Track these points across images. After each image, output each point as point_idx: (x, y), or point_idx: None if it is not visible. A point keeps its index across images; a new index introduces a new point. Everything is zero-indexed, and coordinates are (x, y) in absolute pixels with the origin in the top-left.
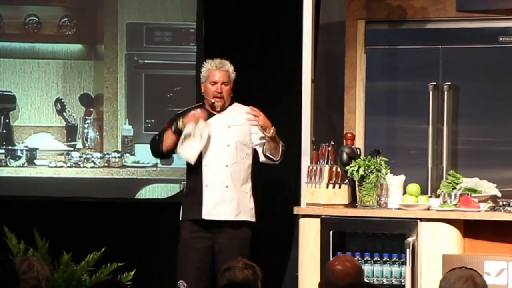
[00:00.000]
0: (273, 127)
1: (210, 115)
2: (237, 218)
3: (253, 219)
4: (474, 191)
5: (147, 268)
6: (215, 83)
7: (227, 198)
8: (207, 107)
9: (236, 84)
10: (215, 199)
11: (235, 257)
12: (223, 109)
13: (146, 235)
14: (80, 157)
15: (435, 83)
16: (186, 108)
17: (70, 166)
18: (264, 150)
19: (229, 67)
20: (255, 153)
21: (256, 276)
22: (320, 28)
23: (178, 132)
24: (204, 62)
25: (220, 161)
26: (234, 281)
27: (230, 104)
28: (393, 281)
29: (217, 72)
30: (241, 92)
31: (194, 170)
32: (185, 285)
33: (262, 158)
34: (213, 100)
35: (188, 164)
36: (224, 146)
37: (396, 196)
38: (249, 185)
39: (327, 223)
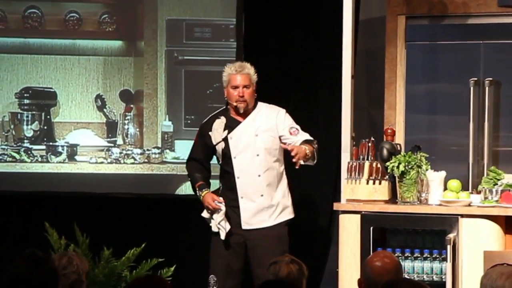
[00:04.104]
0: (305, 147)
1: (235, 123)
2: (276, 222)
3: (292, 215)
4: None
5: (187, 263)
6: (237, 87)
7: (264, 206)
8: (231, 113)
9: (275, 79)
10: (253, 210)
11: (269, 254)
12: (247, 112)
13: (186, 230)
14: (120, 153)
15: (476, 79)
16: (210, 116)
17: (111, 162)
18: None
19: (249, 69)
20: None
21: (301, 272)
22: (360, 23)
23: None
24: (225, 66)
25: (252, 171)
26: (278, 275)
27: (255, 106)
28: (434, 277)
29: (238, 76)
30: (281, 88)
31: (227, 181)
32: (215, 279)
33: None
34: (235, 104)
35: (220, 173)
36: (254, 156)
37: (437, 192)
38: (284, 183)
39: (367, 219)
